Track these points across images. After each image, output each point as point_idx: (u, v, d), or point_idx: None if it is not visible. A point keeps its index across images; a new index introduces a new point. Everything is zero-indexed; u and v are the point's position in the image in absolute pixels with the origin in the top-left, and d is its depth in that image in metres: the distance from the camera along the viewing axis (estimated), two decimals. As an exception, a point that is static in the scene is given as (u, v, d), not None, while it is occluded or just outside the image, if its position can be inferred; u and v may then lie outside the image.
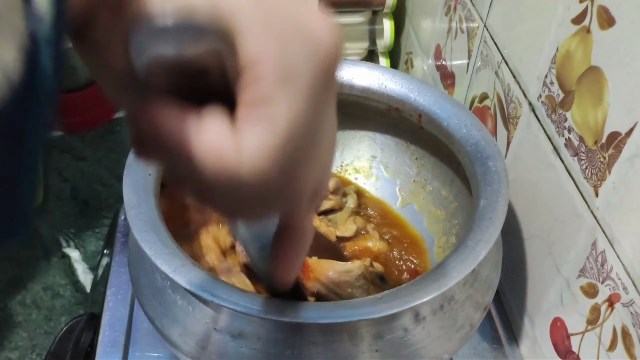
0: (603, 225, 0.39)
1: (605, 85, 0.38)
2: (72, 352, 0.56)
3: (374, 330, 0.39)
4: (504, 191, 0.42)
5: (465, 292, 0.42)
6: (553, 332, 0.47)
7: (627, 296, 0.37)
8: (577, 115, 0.42)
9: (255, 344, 0.39)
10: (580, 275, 0.42)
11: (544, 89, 0.46)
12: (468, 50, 0.62)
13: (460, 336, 0.41)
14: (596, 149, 0.39)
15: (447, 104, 0.49)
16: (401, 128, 0.55)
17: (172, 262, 0.38)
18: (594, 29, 0.39)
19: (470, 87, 0.62)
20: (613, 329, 0.39)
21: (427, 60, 0.76)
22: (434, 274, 0.38)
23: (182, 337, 0.41)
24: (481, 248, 0.38)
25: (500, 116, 0.55)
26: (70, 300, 0.72)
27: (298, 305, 0.36)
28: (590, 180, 0.40)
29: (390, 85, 0.51)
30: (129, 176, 0.43)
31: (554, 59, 0.44)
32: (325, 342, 0.38)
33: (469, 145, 0.46)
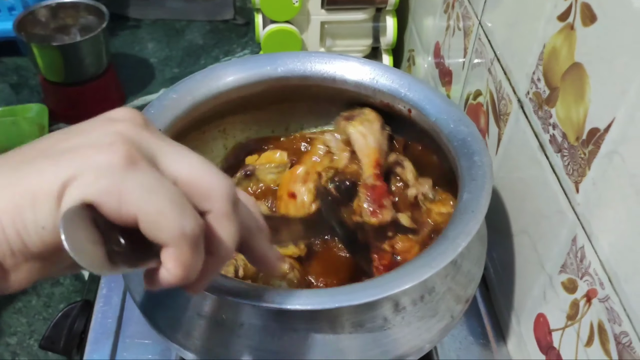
0: (583, 221, 0.40)
1: (586, 81, 0.38)
2: (66, 338, 0.57)
3: (354, 318, 0.40)
4: (487, 186, 0.42)
5: (446, 284, 0.42)
6: (536, 328, 0.47)
7: (603, 292, 0.37)
8: (561, 111, 0.42)
9: (237, 329, 0.40)
10: (562, 270, 0.42)
11: (531, 86, 0.46)
12: (464, 47, 0.62)
13: (441, 327, 0.42)
14: (577, 145, 0.40)
15: (437, 100, 0.49)
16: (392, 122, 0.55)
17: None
18: (578, 26, 0.39)
19: (466, 85, 0.62)
20: (590, 324, 0.39)
21: (427, 58, 0.76)
22: (413, 265, 0.38)
23: (166, 322, 0.42)
24: (461, 240, 0.39)
25: (492, 113, 0.55)
26: (69, 288, 0.74)
27: (278, 292, 0.37)
28: (572, 177, 0.41)
29: (382, 81, 0.52)
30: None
31: (541, 56, 0.45)
32: (306, 329, 0.39)
33: (456, 141, 0.46)
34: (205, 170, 0.27)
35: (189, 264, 0.26)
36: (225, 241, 0.28)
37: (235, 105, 0.54)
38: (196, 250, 0.26)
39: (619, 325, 0.36)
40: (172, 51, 1.05)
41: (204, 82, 0.51)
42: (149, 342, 0.54)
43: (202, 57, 1.04)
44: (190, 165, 0.27)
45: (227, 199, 0.28)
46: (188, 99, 0.50)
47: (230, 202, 0.28)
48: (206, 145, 0.57)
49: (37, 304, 0.72)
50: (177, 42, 1.07)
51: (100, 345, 0.55)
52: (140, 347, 0.54)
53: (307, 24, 0.84)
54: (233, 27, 1.10)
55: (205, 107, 0.51)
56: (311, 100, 0.57)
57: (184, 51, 1.05)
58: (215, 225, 0.28)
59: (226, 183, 0.28)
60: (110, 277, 0.59)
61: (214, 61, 1.03)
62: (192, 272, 0.27)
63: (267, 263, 0.33)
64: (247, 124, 0.59)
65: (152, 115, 0.47)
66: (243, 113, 0.58)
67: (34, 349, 0.69)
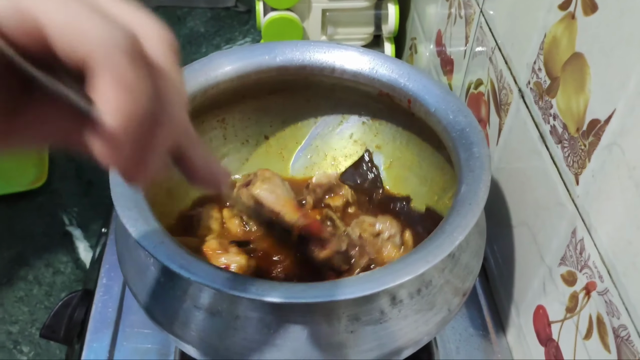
0: (582, 213, 0.39)
1: (587, 72, 0.38)
2: (67, 327, 0.58)
3: (351, 311, 0.39)
4: (485, 178, 0.42)
5: (443, 277, 0.42)
6: (536, 320, 0.47)
7: (602, 284, 0.37)
8: (561, 102, 0.41)
9: (233, 322, 0.39)
10: (561, 263, 0.42)
11: (532, 76, 0.46)
12: (465, 36, 0.61)
13: (438, 320, 0.42)
14: (578, 137, 0.39)
15: (436, 90, 0.49)
16: (393, 113, 0.55)
17: (152, 239, 0.38)
18: (579, 15, 0.39)
19: (467, 74, 0.61)
20: (589, 317, 0.39)
21: (429, 46, 0.76)
22: (410, 258, 0.38)
23: (163, 314, 0.42)
24: (458, 234, 0.38)
25: (493, 102, 0.54)
26: (71, 277, 0.74)
27: (274, 285, 0.36)
28: (572, 168, 0.40)
29: (381, 71, 0.51)
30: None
31: (542, 45, 0.44)
32: (302, 322, 0.39)
33: (454, 131, 0.46)
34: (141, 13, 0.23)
35: (132, 84, 0.20)
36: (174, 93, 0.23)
37: (233, 94, 0.54)
38: (136, 65, 0.20)
39: (618, 318, 0.35)
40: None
41: (202, 72, 0.50)
42: (148, 331, 0.55)
43: (204, 45, 1.03)
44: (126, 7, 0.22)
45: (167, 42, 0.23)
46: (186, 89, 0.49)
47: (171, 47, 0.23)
48: (205, 135, 0.56)
49: (38, 292, 0.72)
50: (179, 29, 1.06)
51: (100, 334, 0.55)
52: (140, 336, 0.55)
53: (308, 11, 0.83)
54: (234, 15, 1.09)
55: (204, 96, 0.51)
56: (310, 90, 0.56)
57: (185, 39, 1.04)
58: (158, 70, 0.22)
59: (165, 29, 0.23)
60: (110, 268, 0.59)
61: (216, 49, 1.02)
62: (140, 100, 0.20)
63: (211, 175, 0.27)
64: (245, 114, 0.58)
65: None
66: (242, 103, 0.57)
67: (35, 337, 0.69)
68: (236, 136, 0.59)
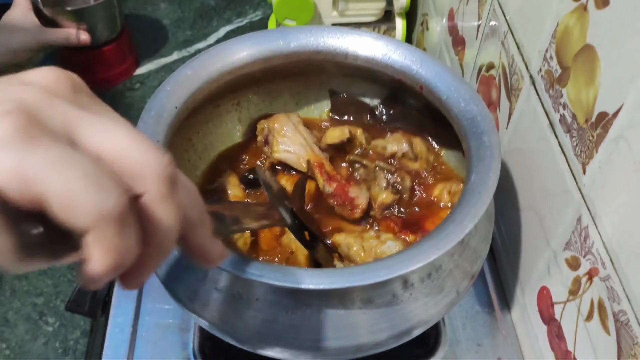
0: (588, 202, 0.41)
1: (597, 64, 0.39)
2: (91, 301, 0.60)
3: (364, 295, 0.41)
4: (495, 167, 0.43)
5: (453, 261, 0.44)
6: (540, 300, 0.49)
7: (605, 271, 0.38)
8: (571, 92, 0.42)
9: (253, 304, 0.42)
10: (566, 248, 0.44)
11: (544, 63, 0.47)
12: (478, 16, 0.62)
13: (447, 302, 0.44)
14: (586, 127, 0.40)
15: (448, 77, 0.50)
16: (405, 98, 0.56)
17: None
18: (591, 8, 0.39)
19: (479, 55, 0.62)
20: (591, 300, 0.40)
21: (441, 22, 0.76)
22: (422, 245, 0.40)
23: (186, 295, 0.44)
24: (468, 222, 0.40)
25: (504, 87, 0.55)
26: (92, 251, 0.77)
27: (292, 271, 0.38)
28: (580, 158, 0.41)
29: (394, 57, 0.52)
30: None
31: (554, 34, 0.45)
32: (318, 305, 0.41)
33: (465, 120, 0.47)
34: (136, 143, 0.23)
35: (118, 249, 0.22)
36: (164, 228, 0.24)
37: (248, 79, 0.55)
38: (124, 231, 0.22)
39: (618, 304, 0.37)
40: (184, 12, 1.04)
41: (218, 58, 0.51)
42: (169, 307, 0.57)
43: (215, 18, 1.03)
44: (116, 137, 0.23)
45: (163, 178, 0.23)
46: (202, 75, 0.50)
47: (167, 182, 0.23)
48: (220, 118, 0.58)
49: (62, 266, 0.75)
50: (190, 3, 1.06)
51: (123, 308, 0.58)
52: (162, 311, 0.57)
53: (320, -13, 0.83)
54: (245, -13, 1.09)
55: (220, 82, 0.52)
56: (323, 74, 0.57)
57: (196, 12, 1.04)
58: (151, 210, 0.23)
59: (162, 159, 0.23)
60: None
61: (226, 23, 1.02)
62: (124, 258, 0.22)
63: (207, 258, 0.28)
64: (260, 96, 0.60)
65: (167, 92, 0.48)
66: (256, 86, 0.58)
67: (60, 309, 0.72)
68: (251, 118, 0.60)
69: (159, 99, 0.47)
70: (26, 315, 0.71)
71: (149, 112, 0.46)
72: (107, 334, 0.56)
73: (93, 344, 0.61)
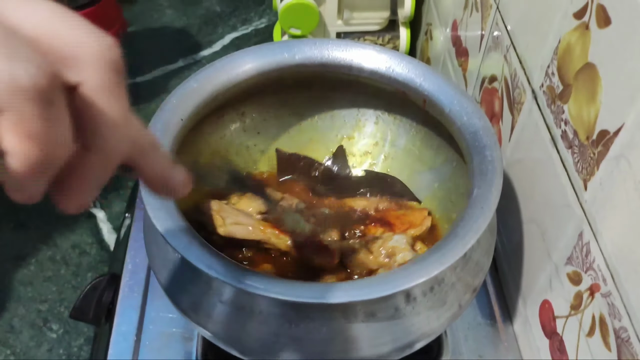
0: (589, 218, 0.41)
1: (598, 83, 0.39)
2: (95, 309, 0.61)
3: (367, 308, 0.42)
4: (497, 181, 0.43)
5: (455, 275, 0.44)
6: (542, 313, 0.49)
7: (606, 287, 0.39)
8: (573, 109, 0.43)
9: (257, 316, 0.42)
10: (568, 262, 0.44)
11: (545, 79, 0.47)
12: (481, 29, 0.62)
13: (449, 315, 0.44)
14: (587, 145, 0.41)
15: (451, 90, 0.50)
16: (408, 110, 0.56)
17: (182, 239, 0.41)
18: (592, 26, 0.40)
19: (482, 67, 0.62)
20: (592, 316, 0.41)
21: (444, 33, 0.76)
22: (425, 259, 0.40)
23: (190, 306, 0.44)
24: (470, 237, 0.40)
25: (506, 100, 0.55)
26: (96, 257, 0.77)
27: (297, 285, 0.39)
28: (581, 174, 0.42)
29: (397, 70, 0.52)
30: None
31: (556, 51, 0.45)
32: (321, 318, 0.42)
33: (468, 133, 0.47)
34: (70, 21, 0.19)
35: (40, 136, 0.18)
36: (109, 128, 0.20)
37: (253, 90, 0.56)
38: (48, 115, 0.18)
39: (619, 320, 0.38)
40: (189, 19, 1.05)
41: (223, 70, 0.52)
42: (173, 316, 0.58)
43: (220, 26, 1.04)
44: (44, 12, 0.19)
45: (106, 64, 0.19)
46: (208, 88, 0.51)
47: (111, 70, 0.20)
48: (225, 128, 0.58)
49: (66, 272, 0.76)
50: (195, 9, 1.07)
51: (127, 317, 0.58)
52: (165, 320, 0.58)
53: (324, -4, 0.84)
54: (250, -6, 1.09)
55: (225, 94, 0.52)
56: (327, 86, 0.58)
57: (201, 19, 1.05)
58: (91, 103, 0.19)
59: (104, 42, 0.19)
60: (135, 254, 0.62)
61: (232, 30, 1.03)
62: (50, 151, 0.18)
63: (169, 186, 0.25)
64: (264, 107, 0.60)
65: (173, 105, 0.48)
66: (261, 97, 0.59)
67: (64, 315, 0.73)
68: (255, 129, 0.60)
69: (166, 112, 0.47)
70: (31, 322, 0.72)
71: (156, 125, 0.46)
72: (111, 341, 0.57)
73: (97, 352, 0.61)
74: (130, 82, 0.95)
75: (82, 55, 0.19)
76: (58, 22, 0.19)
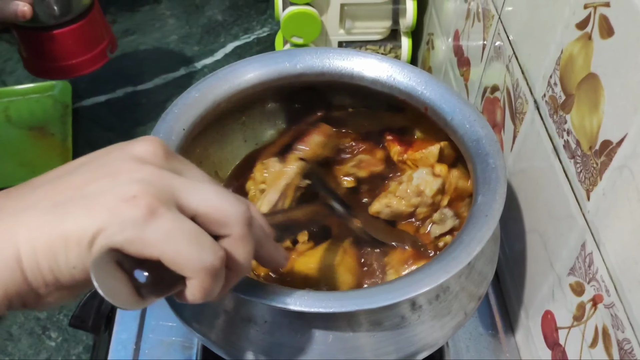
0: (592, 228, 0.41)
1: (601, 93, 0.39)
2: (95, 317, 0.61)
3: (372, 317, 0.42)
4: (500, 190, 0.43)
5: (460, 283, 0.44)
6: (544, 324, 0.49)
7: (609, 298, 0.39)
8: (575, 119, 0.43)
9: (262, 326, 0.42)
10: (570, 273, 0.44)
11: (548, 89, 0.47)
12: (483, 39, 0.62)
13: (454, 324, 0.44)
14: (590, 155, 0.41)
15: (453, 99, 0.50)
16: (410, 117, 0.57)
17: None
18: (595, 37, 0.40)
19: (484, 77, 0.63)
20: (595, 327, 0.41)
21: (446, 43, 0.76)
22: (430, 268, 0.40)
23: (192, 316, 0.44)
24: (475, 245, 0.40)
25: (508, 110, 0.56)
26: (96, 266, 0.77)
27: (302, 294, 0.39)
28: (584, 184, 0.42)
29: (399, 78, 0.52)
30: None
31: (559, 61, 0.45)
32: (327, 327, 0.41)
33: (470, 141, 0.47)
34: (221, 199, 0.31)
35: (211, 290, 0.30)
36: (243, 259, 0.32)
37: (254, 98, 0.56)
38: (216, 279, 0.30)
39: (622, 332, 0.37)
40: (191, 28, 1.05)
41: (225, 80, 0.52)
42: (173, 324, 0.57)
43: (222, 34, 1.04)
44: (207, 196, 0.30)
45: (243, 223, 0.31)
46: (210, 97, 0.51)
47: (246, 226, 0.31)
48: (226, 138, 0.58)
49: (65, 280, 0.75)
50: (197, 18, 1.07)
51: (126, 325, 0.58)
52: (165, 328, 0.57)
53: (326, 5, 0.84)
54: (252, 4, 1.10)
55: (228, 103, 0.52)
56: (329, 94, 0.58)
57: (203, 28, 1.05)
58: (234, 247, 0.31)
59: (241, 208, 0.31)
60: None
61: (234, 39, 1.03)
62: (213, 294, 0.31)
63: (275, 263, 0.37)
64: (265, 116, 0.60)
65: (175, 114, 0.48)
66: (262, 106, 0.59)
67: (63, 323, 0.72)
68: (255, 137, 0.60)
69: (167, 122, 0.47)
70: (29, 329, 0.71)
71: (157, 134, 0.46)
72: (110, 350, 0.56)
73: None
74: (131, 91, 0.95)
75: (231, 220, 0.31)
76: (216, 199, 0.30)
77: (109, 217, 0.28)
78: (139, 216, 0.28)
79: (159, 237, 0.28)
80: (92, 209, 0.28)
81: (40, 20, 0.71)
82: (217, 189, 0.31)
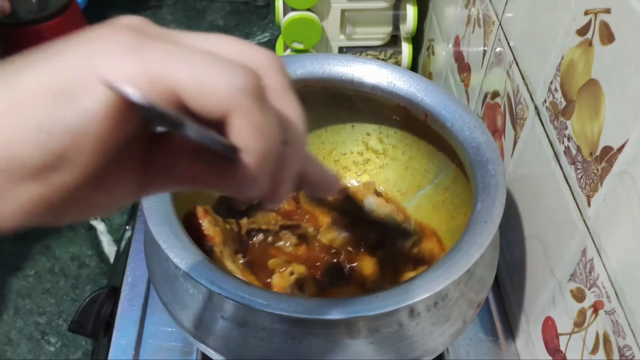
0: (593, 234, 0.41)
1: (602, 99, 0.39)
2: (94, 322, 0.60)
3: (371, 324, 0.41)
4: (500, 196, 0.43)
5: (459, 290, 0.44)
6: (545, 330, 0.49)
7: (610, 304, 0.39)
8: (576, 125, 0.43)
9: (259, 332, 0.42)
10: (571, 279, 0.44)
11: (548, 95, 0.47)
12: (483, 45, 0.62)
13: (453, 331, 0.44)
14: (591, 160, 0.41)
15: (453, 105, 0.50)
16: (409, 124, 0.56)
17: (184, 255, 0.41)
18: (596, 43, 0.40)
19: (484, 83, 0.63)
20: (596, 333, 0.40)
21: (446, 49, 0.77)
22: (429, 274, 0.40)
23: (191, 322, 0.44)
24: (474, 251, 0.40)
25: (509, 115, 0.56)
26: (95, 270, 0.77)
27: (299, 301, 0.38)
28: (584, 190, 0.42)
29: (399, 84, 0.52)
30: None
31: (559, 67, 0.45)
32: (325, 334, 0.41)
33: (470, 148, 0.47)
34: (243, 43, 0.23)
35: (265, 127, 0.21)
36: (295, 121, 0.23)
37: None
38: (263, 106, 0.21)
39: (623, 338, 0.37)
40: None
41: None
42: (172, 330, 0.57)
43: (222, 39, 1.04)
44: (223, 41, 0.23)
45: (281, 70, 0.23)
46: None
47: (285, 74, 0.24)
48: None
49: (65, 285, 0.75)
50: (198, 23, 1.07)
51: (126, 331, 0.58)
52: (164, 334, 0.57)
53: (327, 11, 0.84)
54: (253, 9, 1.10)
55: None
56: (328, 100, 0.58)
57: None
58: (277, 102, 0.23)
59: (272, 54, 0.23)
60: (135, 267, 0.62)
61: (234, 44, 1.03)
62: (272, 141, 0.22)
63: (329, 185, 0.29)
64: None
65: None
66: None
67: (62, 328, 0.72)
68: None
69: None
70: (29, 334, 0.71)
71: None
72: (109, 356, 0.56)
73: (95, 366, 0.61)
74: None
75: (266, 66, 0.23)
76: (236, 46, 0.23)
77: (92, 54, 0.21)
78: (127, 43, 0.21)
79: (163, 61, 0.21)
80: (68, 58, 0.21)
81: (19, 15, 0.70)
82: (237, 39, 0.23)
